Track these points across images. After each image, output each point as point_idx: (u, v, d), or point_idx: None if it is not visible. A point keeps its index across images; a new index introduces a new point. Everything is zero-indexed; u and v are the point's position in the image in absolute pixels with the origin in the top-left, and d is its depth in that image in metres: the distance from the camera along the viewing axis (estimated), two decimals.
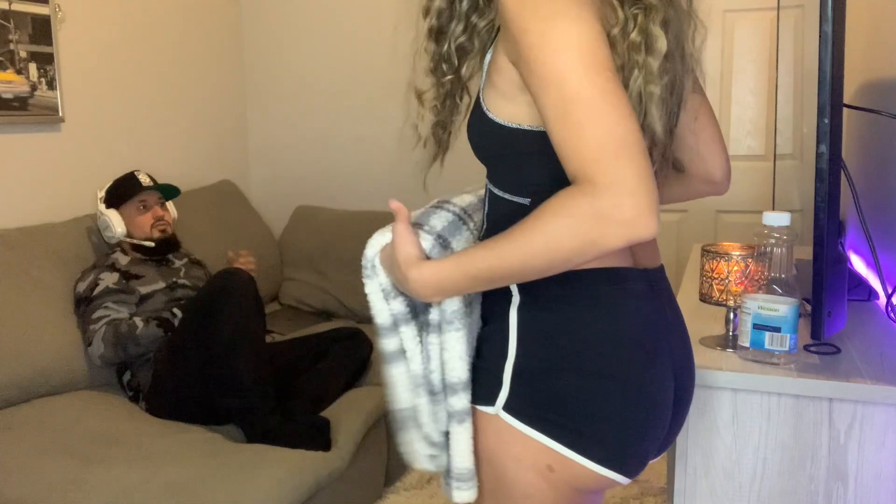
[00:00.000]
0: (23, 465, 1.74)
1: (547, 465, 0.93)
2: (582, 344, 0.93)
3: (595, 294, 0.94)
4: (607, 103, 0.80)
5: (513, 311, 0.96)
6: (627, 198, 0.78)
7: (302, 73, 3.51)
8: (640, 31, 0.89)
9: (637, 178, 0.79)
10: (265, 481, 1.71)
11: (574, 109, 0.81)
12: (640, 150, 0.80)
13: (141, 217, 2.37)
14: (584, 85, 0.80)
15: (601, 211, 0.79)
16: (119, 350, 2.14)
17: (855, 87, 2.12)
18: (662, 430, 0.98)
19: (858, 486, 1.19)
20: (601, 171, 0.79)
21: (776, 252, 1.21)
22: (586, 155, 0.80)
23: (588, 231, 0.79)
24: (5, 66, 2.34)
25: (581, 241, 0.80)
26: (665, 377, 0.97)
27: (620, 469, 0.94)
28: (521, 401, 0.93)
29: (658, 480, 2.48)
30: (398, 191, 3.40)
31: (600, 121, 0.80)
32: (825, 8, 1.18)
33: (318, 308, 3.12)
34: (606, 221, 0.78)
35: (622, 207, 0.78)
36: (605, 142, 0.80)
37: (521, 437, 0.93)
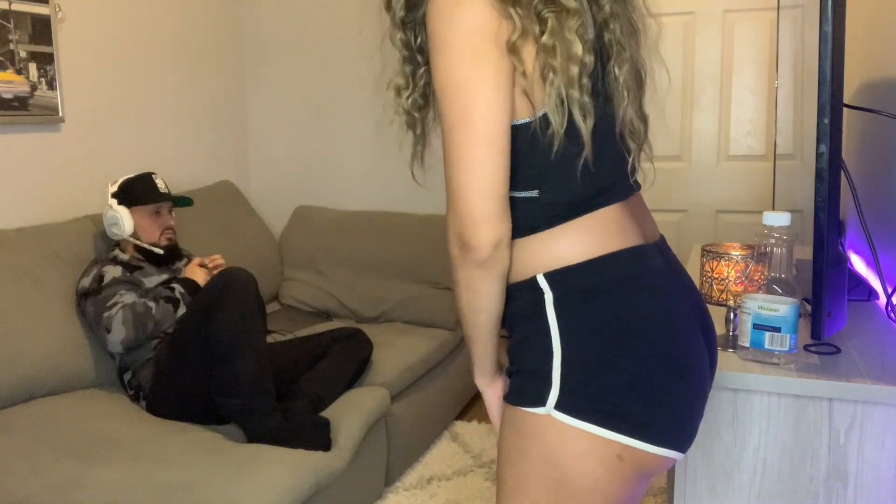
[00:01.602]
0: (23, 465, 1.74)
1: (616, 455, 0.93)
2: (623, 330, 0.93)
3: (625, 278, 0.95)
4: (463, 128, 0.90)
5: (549, 307, 0.95)
6: (472, 242, 0.92)
7: (302, 73, 3.51)
8: (552, 35, 0.89)
9: (456, 205, 0.91)
10: (265, 481, 1.71)
11: (443, 131, 0.93)
12: (467, 168, 0.89)
13: (151, 223, 2.38)
14: (452, 117, 0.90)
15: (457, 260, 0.95)
16: (140, 331, 2.16)
17: (855, 87, 2.12)
18: (704, 402, 1.00)
19: (858, 486, 1.19)
20: (449, 216, 0.93)
21: (776, 252, 1.21)
22: (446, 187, 0.94)
23: (456, 278, 0.97)
24: (5, 66, 2.34)
25: (461, 287, 0.97)
26: (700, 345, 0.99)
27: (679, 446, 0.96)
28: (575, 397, 0.93)
29: (658, 480, 2.48)
30: (398, 191, 3.41)
31: (451, 152, 0.91)
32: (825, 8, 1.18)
33: (318, 308, 3.12)
34: (463, 265, 0.94)
35: (454, 246, 0.94)
36: (451, 163, 0.91)
37: (580, 434, 0.92)
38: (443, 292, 2.99)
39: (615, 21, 0.95)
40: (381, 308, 3.02)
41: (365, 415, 2.18)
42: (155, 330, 2.20)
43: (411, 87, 1.05)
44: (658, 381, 0.93)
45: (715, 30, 3.07)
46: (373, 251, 3.12)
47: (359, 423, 2.13)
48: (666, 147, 3.13)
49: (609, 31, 0.95)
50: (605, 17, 0.95)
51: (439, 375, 2.82)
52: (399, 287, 3.02)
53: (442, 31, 0.89)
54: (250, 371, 1.97)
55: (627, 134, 0.99)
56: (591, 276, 0.94)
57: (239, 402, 1.96)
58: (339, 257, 3.16)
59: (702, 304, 1.07)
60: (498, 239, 0.91)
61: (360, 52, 3.39)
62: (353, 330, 2.45)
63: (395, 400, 2.47)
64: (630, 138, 0.99)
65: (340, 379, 2.29)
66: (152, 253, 2.36)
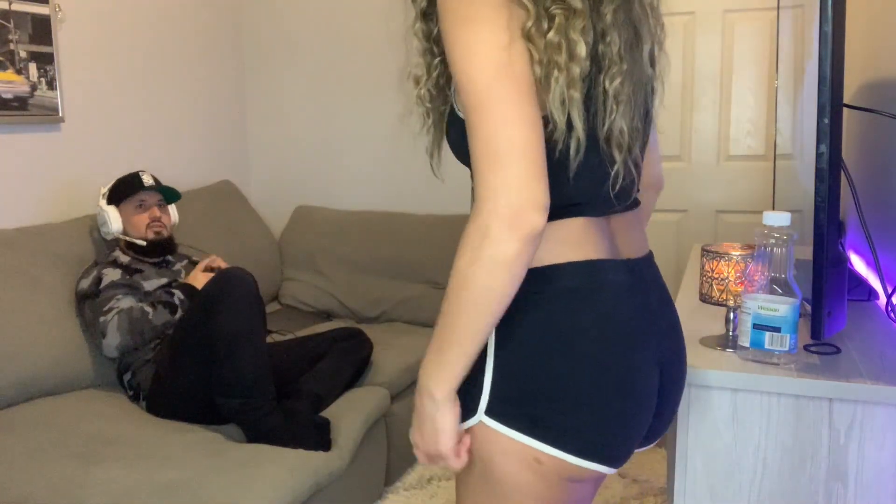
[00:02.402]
0: (23, 465, 1.74)
1: (534, 458, 0.93)
2: (557, 338, 0.93)
3: (571, 288, 0.94)
4: (492, 110, 0.84)
5: None
6: (503, 203, 0.83)
7: (302, 73, 3.51)
8: (558, 31, 0.89)
9: (509, 181, 0.83)
10: (265, 481, 1.71)
11: (469, 120, 0.86)
12: (519, 155, 0.83)
13: (138, 216, 2.38)
14: (476, 92, 0.85)
15: (482, 226, 0.84)
16: (136, 336, 2.16)
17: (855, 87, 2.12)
18: (646, 420, 0.99)
19: (858, 486, 1.19)
20: (480, 186, 0.85)
21: (776, 252, 1.21)
22: (476, 168, 0.86)
23: (480, 249, 0.85)
24: (5, 66, 2.34)
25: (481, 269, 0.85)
26: (645, 366, 0.97)
27: (603, 460, 0.95)
28: (501, 402, 0.94)
29: (658, 480, 2.48)
30: (398, 190, 3.41)
31: (482, 130, 0.85)
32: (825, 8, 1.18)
33: (318, 308, 3.12)
34: (489, 233, 0.84)
35: (498, 213, 0.83)
36: (484, 154, 0.84)
37: (503, 437, 0.94)
38: (443, 292, 2.98)
39: (613, 32, 0.93)
40: (381, 308, 3.02)
41: (365, 415, 2.18)
42: (151, 335, 2.20)
43: (426, 78, 1.04)
44: (585, 394, 0.92)
45: (715, 30, 3.07)
46: (373, 251, 3.12)
47: (359, 423, 2.13)
48: (666, 147, 3.13)
49: (605, 42, 0.93)
50: (605, 26, 0.93)
51: None
52: (399, 287, 3.02)
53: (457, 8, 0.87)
54: (250, 371, 1.97)
55: (614, 146, 0.96)
56: (536, 284, 0.94)
57: (239, 402, 1.96)
58: (339, 257, 3.16)
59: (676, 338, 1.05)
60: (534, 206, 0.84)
61: (360, 51, 3.39)
62: (353, 330, 2.45)
63: (395, 400, 2.47)
64: (616, 150, 0.96)
65: (340, 379, 2.29)
66: (142, 248, 2.35)
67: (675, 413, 1.09)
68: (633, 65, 0.96)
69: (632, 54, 0.96)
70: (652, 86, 1.04)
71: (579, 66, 0.90)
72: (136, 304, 2.21)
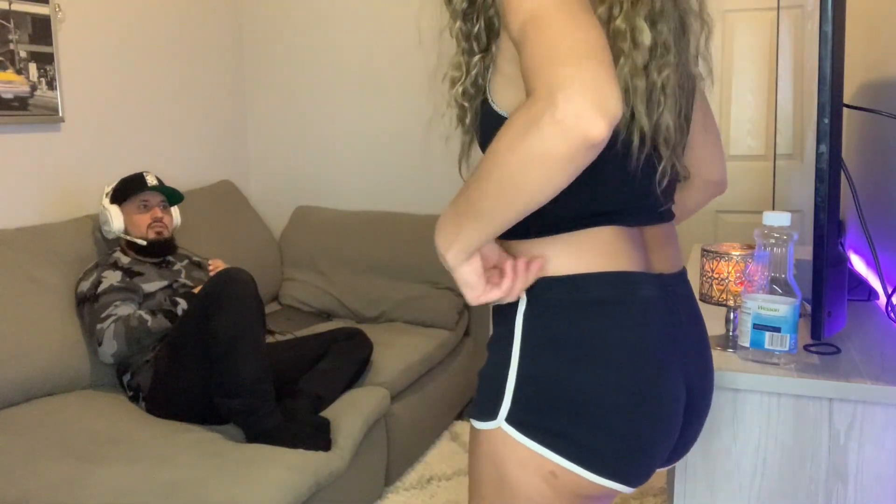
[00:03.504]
0: (23, 465, 1.74)
1: (550, 471, 0.91)
2: (586, 351, 0.90)
3: (603, 299, 0.91)
4: (563, 13, 0.76)
5: (519, 316, 0.94)
6: (561, 97, 0.72)
7: (302, 73, 3.51)
8: (626, 18, 0.87)
9: (579, 76, 0.72)
10: (265, 481, 1.71)
11: (531, 27, 0.77)
12: (590, 53, 0.74)
13: (140, 216, 2.38)
14: (546, 4, 0.77)
15: (534, 115, 0.73)
16: (132, 344, 2.16)
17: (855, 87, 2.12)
18: (670, 442, 0.96)
19: (858, 486, 1.19)
20: (543, 78, 0.74)
21: (776, 252, 1.21)
22: (534, 67, 0.76)
23: (523, 139, 0.74)
24: (5, 66, 2.34)
25: (521, 152, 0.75)
26: (674, 388, 0.94)
27: (623, 480, 0.92)
28: (523, 411, 0.91)
29: (658, 480, 2.48)
30: (398, 191, 3.41)
31: (551, 30, 0.75)
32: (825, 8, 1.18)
33: (318, 308, 3.12)
34: (539, 124, 0.73)
35: (556, 106, 0.72)
36: (552, 49, 0.75)
37: (521, 447, 0.92)
38: (443, 292, 2.99)
39: (662, 21, 0.90)
40: (381, 308, 3.02)
41: (365, 415, 2.18)
42: (149, 342, 2.19)
43: (464, 77, 0.98)
44: (610, 414, 0.90)
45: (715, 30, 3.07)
46: (373, 251, 3.12)
47: (359, 423, 2.13)
48: None
49: (655, 30, 0.89)
50: (654, 14, 0.89)
51: (439, 375, 2.82)
52: (399, 287, 3.02)
53: None
54: (250, 371, 1.97)
55: (661, 142, 0.92)
56: (564, 292, 0.91)
57: (239, 402, 1.96)
58: (339, 257, 3.16)
59: (704, 358, 1.02)
60: (599, 109, 0.73)
61: (360, 51, 3.39)
62: (353, 330, 2.45)
63: (395, 400, 2.47)
64: (663, 146, 0.93)
65: (340, 379, 2.29)
66: (143, 248, 2.36)
67: (699, 432, 1.06)
68: (679, 57, 0.93)
69: (678, 46, 0.93)
70: (694, 84, 1.02)
71: (642, 56, 0.87)
72: (134, 311, 2.20)
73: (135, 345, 2.16)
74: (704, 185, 1.18)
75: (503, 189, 0.79)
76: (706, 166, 1.16)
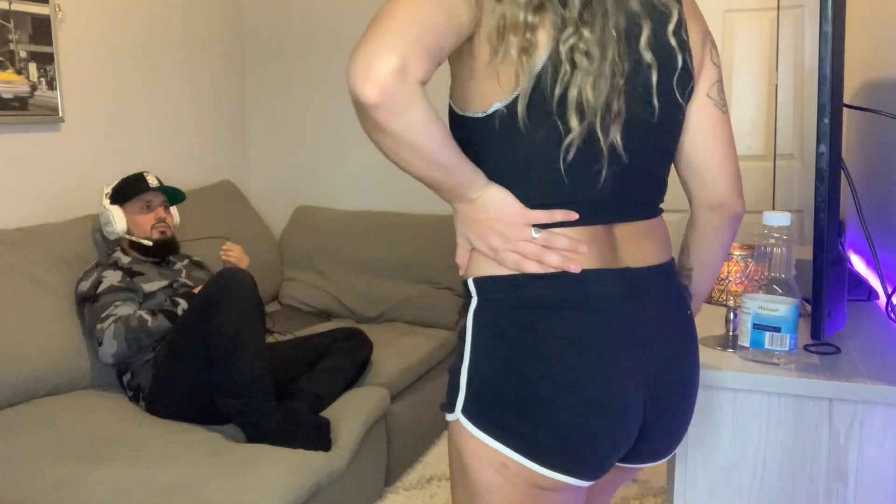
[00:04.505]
0: (23, 465, 1.74)
1: (501, 462, 0.93)
2: (528, 348, 0.92)
3: (545, 298, 0.93)
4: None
5: (470, 314, 0.97)
6: (348, 66, 0.81)
7: (302, 73, 3.50)
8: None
9: (360, 42, 0.80)
10: (265, 481, 1.71)
11: None
12: (384, 16, 0.81)
13: (143, 216, 2.38)
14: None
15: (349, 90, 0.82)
16: (133, 344, 2.15)
17: (855, 87, 2.12)
18: (623, 436, 0.96)
19: (858, 486, 1.19)
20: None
21: (776, 252, 1.21)
22: None
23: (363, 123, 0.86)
24: (5, 66, 2.34)
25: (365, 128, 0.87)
26: (624, 380, 0.94)
27: (571, 473, 0.93)
28: (475, 405, 0.94)
29: (658, 480, 2.48)
30: (398, 191, 3.41)
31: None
32: (825, 8, 1.18)
33: (318, 308, 3.12)
34: (352, 99, 0.82)
35: (347, 77, 0.82)
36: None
37: (474, 439, 0.95)
38: (443, 292, 2.99)
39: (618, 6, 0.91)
40: (381, 308, 3.02)
41: (365, 415, 2.18)
42: (149, 342, 2.19)
43: None
44: (551, 406, 0.91)
45: (715, 30, 3.07)
46: (373, 251, 3.12)
47: (359, 423, 2.13)
48: None
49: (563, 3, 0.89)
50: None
51: (439, 375, 2.82)
52: (399, 287, 3.02)
53: None
54: (250, 371, 1.97)
55: (572, 111, 0.90)
56: (510, 290, 0.93)
57: (239, 402, 1.96)
58: (339, 257, 3.16)
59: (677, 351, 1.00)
60: (361, 71, 0.81)
61: None
62: (353, 330, 2.45)
63: (395, 400, 2.47)
64: (575, 117, 0.90)
65: (340, 379, 2.29)
66: (147, 248, 2.36)
67: (684, 426, 1.05)
68: (601, 35, 0.90)
69: (601, 24, 0.90)
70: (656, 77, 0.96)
71: (517, 8, 0.87)
72: (134, 311, 2.20)
73: (135, 345, 2.16)
74: (703, 213, 1.10)
75: (394, 152, 0.90)
76: (698, 186, 1.09)
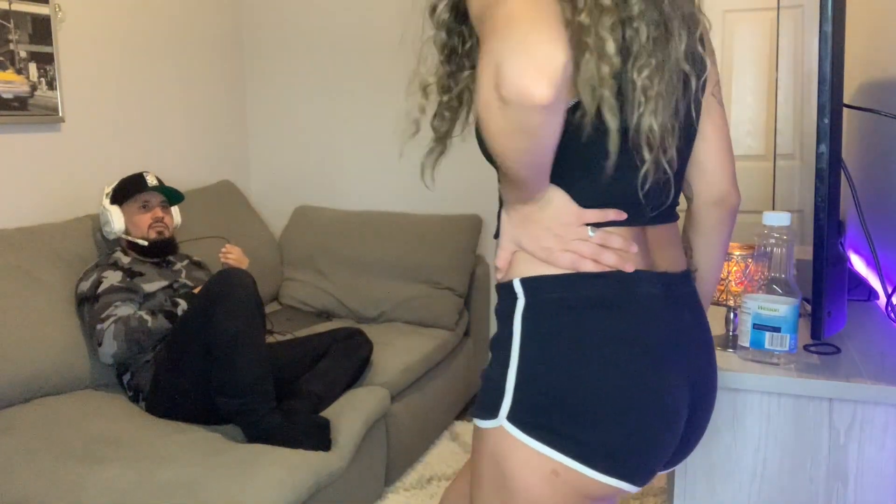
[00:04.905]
0: (23, 465, 1.74)
1: (552, 470, 0.91)
2: (586, 348, 0.90)
3: (602, 297, 0.92)
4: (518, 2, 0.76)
5: (517, 315, 0.94)
6: (497, 70, 0.74)
7: (302, 73, 3.51)
8: (586, 33, 0.86)
9: (503, 44, 0.74)
10: (265, 481, 1.71)
11: (486, 8, 0.79)
12: (519, 20, 0.74)
13: (140, 216, 2.38)
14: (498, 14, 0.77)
15: (488, 96, 0.76)
16: (133, 345, 2.15)
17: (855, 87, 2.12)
18: (674, 439, 0.96)
19: (858, 486, 1.19)
20: (481, 55, 0.77)
21: (776, 252, 1.21)
22: (483, 49, 0.78)
23: (501, 120, 0.77)
24: (5, 66, 2.34)
25: (506, 133, 0.79)
26: (676, 384, 0.94)
27: (626, 478, 0.92)
28: (524, 410, 0.91)
29: (658, 480, 2.48)
30: (398, 191, 3.41)
31: (494, 8, 0.77)
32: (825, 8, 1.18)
33: (318, 308, 3.12)
34: (499, 104, 0.76)
35: (501, 79, 0.74)
36: (489, 26, 0.77)
37: (522, 446, 0.91)
38: (443, 292, 2.99)
39: (640, 22, 0.89)
40: (381, 308, 3.02)
41: (365, 415, 2.18)
42: (148, 343, 2.19)
43: (447, 88, 1.00)
44: (611, 408, 0.90)
45: (715, 30, 3.07)
46: (373, 251, 3.12)
47: (359, 423, 2.13)
48: None
49: (632, 28, 0.89)
50: (631, 15, 0.89)
51: (439, 375, 2.82)
52: (399, 287, 3.02)
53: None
54: (250, 371, 1.97)
55: (643, 143, 0.92)
56: (562, 290, 0.92)
57: (239, 402, 1.96)
58: (339, 257, 3.16)
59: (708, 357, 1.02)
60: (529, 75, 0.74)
61: (360, 51, 3.39)
62: (353, 330, 2.45)
63: (395, 400, 2.47)
64: (646, 149, 0.92)
65: (340, 379, 2.29)
66: (144, 248, 2.35)
67: (703, 433, 1.06)
68: (663, 59, 0.92)
69: (662, 47, 0.92)
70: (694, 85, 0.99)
71: (609, 65, 0.86)
72: (134, 311, 2.20)
73: (135, 345, 2.16)
74: (705, 209, 1.12)
75: (519, 164, 0.84)
76: (703, 182, 1.10)
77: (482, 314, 3.26)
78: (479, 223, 3.14)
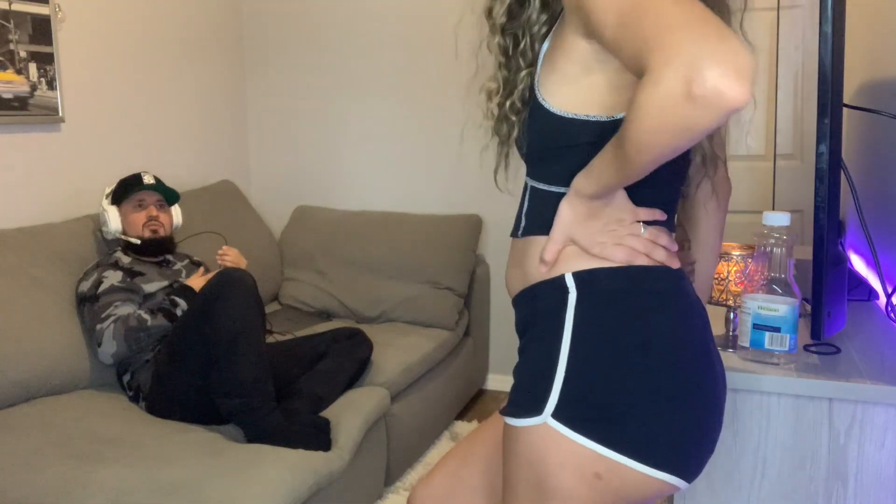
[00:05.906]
0: (23, 465, 1.74)
1: (594, 473, 0.89)
2: (645, 342, 0.90)
3: (657, 290, 0.93)
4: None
5: (569, 308, 0.93)
6: (702, 67, 0.71)
7: (302, 73, 3.51)
8: None
9: (698, 41, 0.71)
10: (265, 481, 1.71)
11: (633, 16, 0.77)
12: (703, 19, 0.72)
13: (135, 215, 2.38)
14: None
15: (671, 91, 0.72)
16: (132, 344, 2.15)
17: (855, 87, 2.12)
18: (720, 431, 0.98)
19: (858, 486, 1.19)
20: (655, 50, 0.73)
21: (776, 252, 1.21)
22: (641, 46, 0.75)
23: (674, 118, 0.74)
24: (5, 66, 2.34)
25: (672, 129, 0.75)
26: (721, 376, 0.98)
27: (681, 473, 0.91)
28: (574, 406, 0.89)
29: None
30: (398, 190, 3.41)
31: (654, 8, 0.75)
32: (825, 8, 1.18)
33: (318, 308, 3.12)
34: (685, 101, 0.72)
35: (694, 79, 0.71)
36: (658, 23, 0.74)
37: (567, 444, 0.89)
38: (443, 292, 2.99)
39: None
40: (381, 308, 3.02)
41: (365, 415, 2.18)
42: (148, 342, 2.19)
43: (508, 91, 1.02)
44: (667, 399, 0.89)
45: None
46: (373, 251, 3.12)
47: (359, 423, 2.13)
48: None
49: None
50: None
51: (439, 375, 2.82)
52: (399, 287, 3.02)
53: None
54: (250, 371, 1.97)
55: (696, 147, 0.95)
56: (622, 281, 0.92)
57: (239, 402, 1.96)
58: (339, 257, 3.16)
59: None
60: (736, 72, 0.74)
61: (360, 51, 3.39)
62: (353, 330, 2.45)
63: (395, 400, 2.47)
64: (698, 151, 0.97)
65: (340, 379, 2.29)
66: (139, 246, 2.35)
67: None
68: None
69: None
70: None
71: None
72: (134, 311, 2.20)
73: (134, 345, 2.16)
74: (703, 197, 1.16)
75: (654, 161, 0.81)
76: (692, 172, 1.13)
77: (482, 314, 3.26)
78: (479, 223, 3.14)
